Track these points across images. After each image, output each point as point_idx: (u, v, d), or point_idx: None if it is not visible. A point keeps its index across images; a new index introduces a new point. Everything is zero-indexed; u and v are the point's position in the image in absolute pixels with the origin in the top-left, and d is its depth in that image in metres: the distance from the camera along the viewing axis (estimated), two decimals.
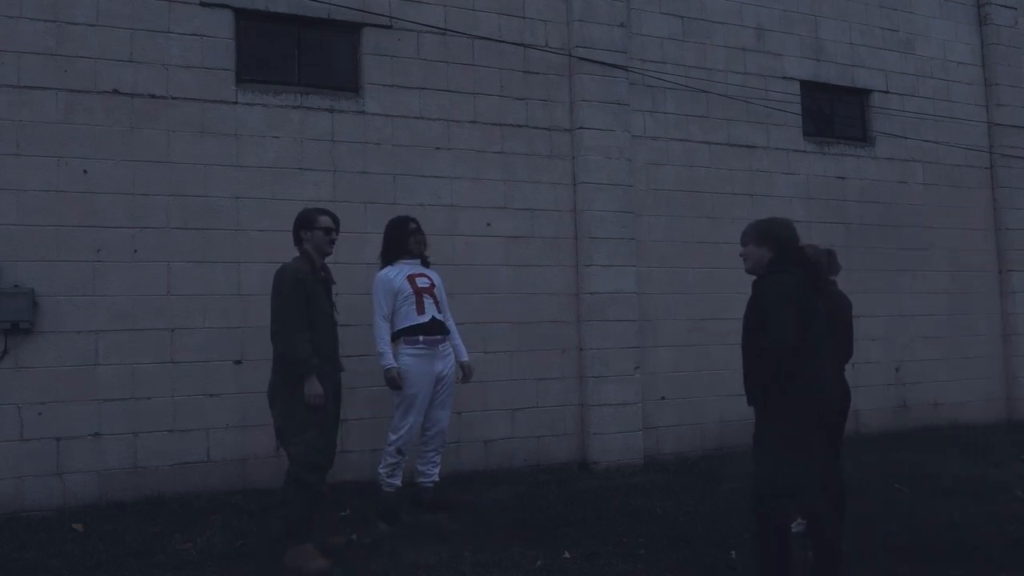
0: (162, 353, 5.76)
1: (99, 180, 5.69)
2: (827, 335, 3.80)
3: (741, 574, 4.26)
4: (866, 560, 4.36)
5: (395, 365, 5.19)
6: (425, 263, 5.54)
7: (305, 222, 4.63)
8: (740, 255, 3.98)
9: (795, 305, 3.61)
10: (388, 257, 5.45)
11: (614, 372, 6.97)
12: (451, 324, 5.58)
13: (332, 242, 4.67)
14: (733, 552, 4.55)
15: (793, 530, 4.42)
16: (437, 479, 5.53)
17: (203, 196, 5.94)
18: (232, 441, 5.87)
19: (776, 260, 3.79)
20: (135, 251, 5.74)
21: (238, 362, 5.90)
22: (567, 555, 4.51)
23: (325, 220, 4.64)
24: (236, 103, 6.09)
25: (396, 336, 5.29)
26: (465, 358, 5.64)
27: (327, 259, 4.76)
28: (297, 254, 4.66)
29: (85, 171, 5.65)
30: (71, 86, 5.66)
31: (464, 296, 6.59)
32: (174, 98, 5.92)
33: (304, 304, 4.39)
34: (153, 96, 5.87)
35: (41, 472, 5.43)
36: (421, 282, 5.35)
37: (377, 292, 5.32)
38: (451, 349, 5.52)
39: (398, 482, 5.27)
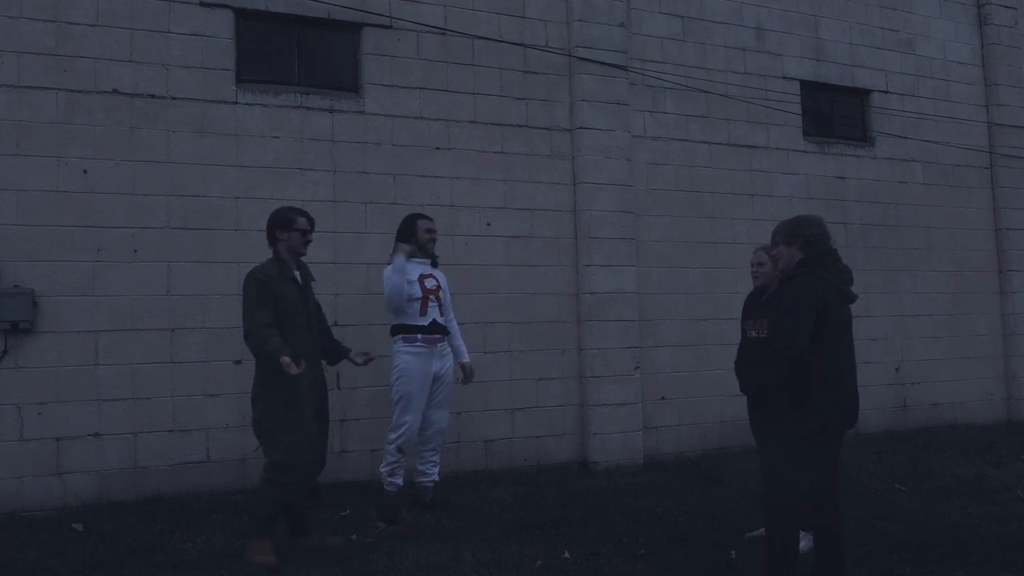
0: (162, 353, 5.76)
1: (99, 180, 5.69)
2: (849, 341, 3.77)
3: (741, 574, 4.26)
4: (866, 560, 4.36)
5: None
6: (434, 263, 5.52)
7: (282, 222, 4.59)
8: (771, 255, 3.99)
9: (815, 310, 3.59)
10: None
11: (614, 372, 6.97)
12: (453, 325, 5.58)
13: (307, 243, 4.67)
14: (733, 552, 4.55)
15: (802, 548, 4.42)
16: (437, 478, 5.54)
17: (203, 196, 5.94)
18: (232, 441, 5.87)
19: (805, 261, 3.76)
20: (135, 251, 5.74)
21: (238, 362, 5.90)
22: (567, 555, 4.51)
23: (302, 222, 4.62)
24: (236, 103, 6.09)
25: (395, 332, 5.33)
26: (466, 359, 5.66)
27: (303, 257, 4.74)
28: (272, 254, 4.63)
29: (85, 171, 5.65)
30: (71, 86, 5.66)
31: (464, 296, 6.59)
32: (174, 98, 5.93)
33: (270, 305, 4.38)
34: (153, 96, 5.87)
35: (41, 472, 5.43)
36: (429, 284, 5.38)
37: (391, 278, 5.27)
38: (449, 349, 5.52)
39: (400, 481, 5.28)
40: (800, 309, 3.61)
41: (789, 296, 3.68)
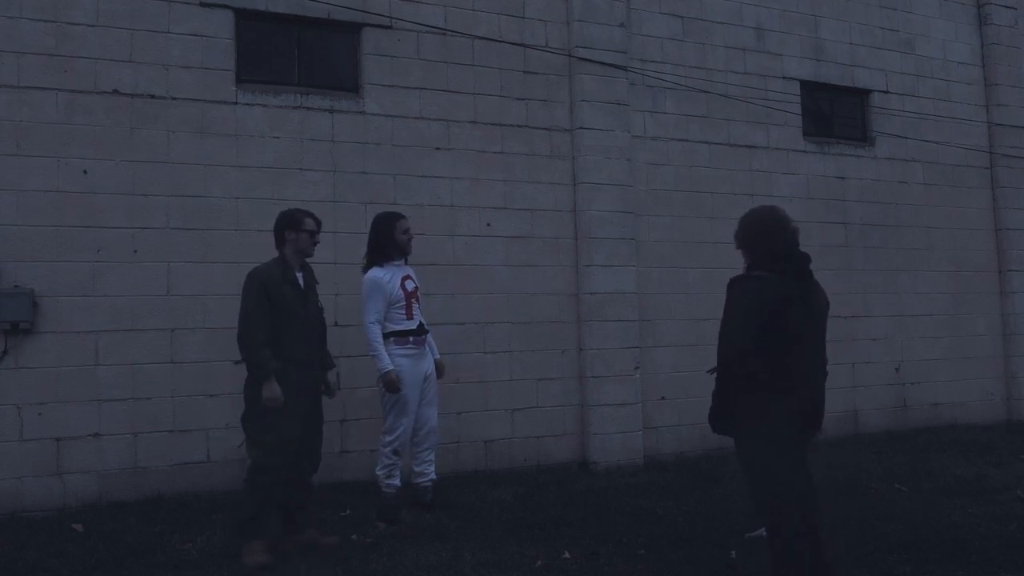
0: (162, 353, 5.76)
1: (99, 180, 5.69)
2: (809, 337, 3.70)
3: (741, 574, 4.26)
4: (866, 560, 4.36)
5: (393, 368, 5.18)
6: (406, 260, 5.49)
7: (292, 223, 4.64)
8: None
9: (755, 307, 3.53)
10: (379, 256, 5.34)
11: (614, 372, 6.97)
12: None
13: (315, 244, 4.73)
14: (733, 552, 4.55)
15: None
16: (435, 477, 5.54)
17: (203, 196, 5.94)
18: (232, 441, 5.84)
19: (752, 264, 3.73)
20: (135, 251, 5.74)
21: (238, 362, 5.81)
22: (567, 555, 4.51)
23: (310, 223, 4.68)
24: (236, 103, 6.09)
25: (384, 338, 5.27)
26: (436, 355, 5.62)
27: (309, 259, 4.80)
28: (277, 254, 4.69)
29: (85, 171, 5.65)
30: (71, 86, 5.66)
31: (464, 296, 6.60)
32: (174, 98, 5.93)
33: (267, 309, 4.43)
34: (153, 96, 5.87)
35: (41, 472, 5.43)
36: (409, 286, 5.36)
37: (373, 295, 5.23)
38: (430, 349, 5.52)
39: (397, 482, 5.28)
40: (739, 308, 3.58)
41: (729, 298, 3.65)
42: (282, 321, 4.47)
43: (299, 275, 4.67)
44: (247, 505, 4.41)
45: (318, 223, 4.75)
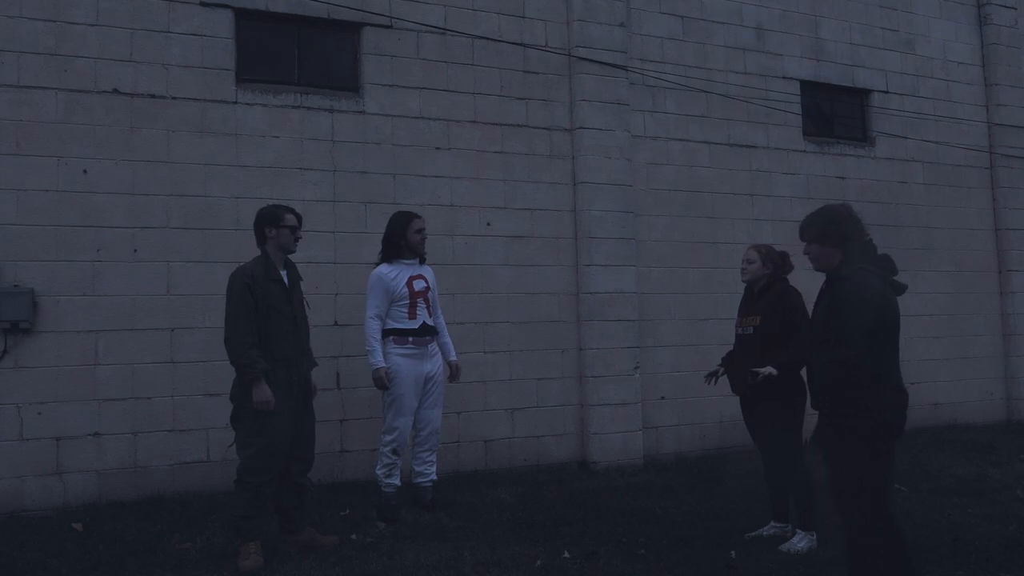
0: (162, 353, 5.76)
1: (99, 180, 5.69)
2: (898, 331, 3.63)
3: (741, 574, 4.26)
4: None
5: (384, 365, 5.19)
6: (422, 260, 5.50)
7: (271, 219, 4.58)
8: (804, 253, 3.78)
9: (876, 308, 3.48)
10: (391, 253, 5.36)
11: (614, 372, 6.97)
12: (441, 322, 5.55)
13: (297, 240, 4.66)
14: (733, 552, 4.55)
15: (804, 548, 4.40)
16: (435, 478, 5.53)
17: (203, 196, 5.94)
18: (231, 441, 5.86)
19: (851, 260, 3.61)
20: (135, 251, 5.74)
21: None
22: (567, 555, 4.51)
23: (291, 218, 4.62)
24: (236, 103, 6.09)
25: (384, 335, 5.29)
26: (453, 357, 5.62)
27: (292, 256, 4.74)
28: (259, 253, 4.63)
29: (85, 171, 5.65)
30: (71, 86, 5.66)
31: (464, 296, 6.60)
32: (174, 98, 5.93)
33: (252, 309, 4.39)
34: (153, 96, 5.87)
35: (41, 472, 5.43)
36: (418, 285, 5.34)
37: (374, 290, 5.27)
38: (438, 349, 5.50)
39: (396, 482, 5.28)
40: (863, 311, 3.47)
41: (851, 299, 3.51)
42: (268, 320, 4.43)
43: (283, 272, 4.61)
44: (241, 506, 4.39)
45: (299, 218, 4.68)
